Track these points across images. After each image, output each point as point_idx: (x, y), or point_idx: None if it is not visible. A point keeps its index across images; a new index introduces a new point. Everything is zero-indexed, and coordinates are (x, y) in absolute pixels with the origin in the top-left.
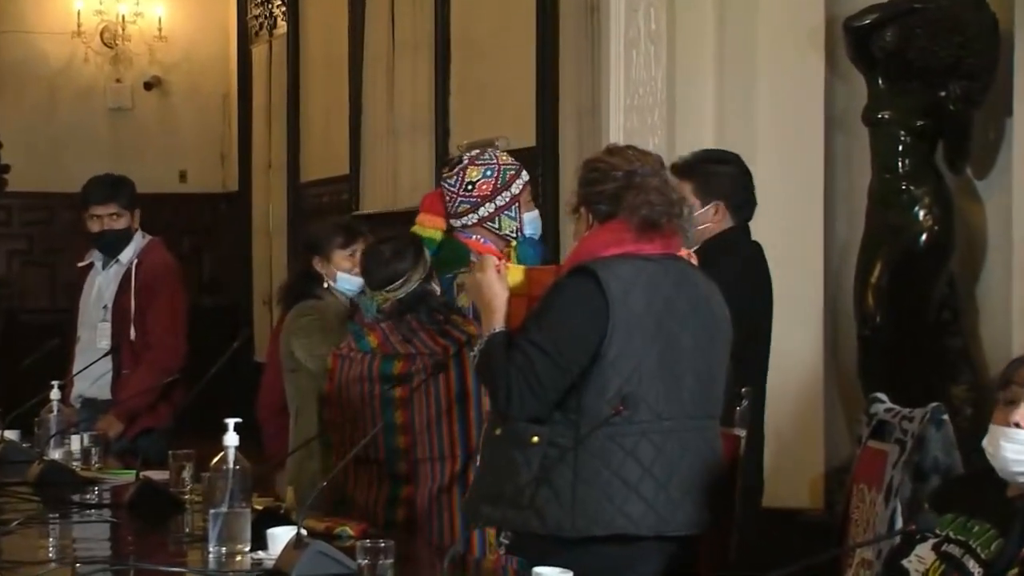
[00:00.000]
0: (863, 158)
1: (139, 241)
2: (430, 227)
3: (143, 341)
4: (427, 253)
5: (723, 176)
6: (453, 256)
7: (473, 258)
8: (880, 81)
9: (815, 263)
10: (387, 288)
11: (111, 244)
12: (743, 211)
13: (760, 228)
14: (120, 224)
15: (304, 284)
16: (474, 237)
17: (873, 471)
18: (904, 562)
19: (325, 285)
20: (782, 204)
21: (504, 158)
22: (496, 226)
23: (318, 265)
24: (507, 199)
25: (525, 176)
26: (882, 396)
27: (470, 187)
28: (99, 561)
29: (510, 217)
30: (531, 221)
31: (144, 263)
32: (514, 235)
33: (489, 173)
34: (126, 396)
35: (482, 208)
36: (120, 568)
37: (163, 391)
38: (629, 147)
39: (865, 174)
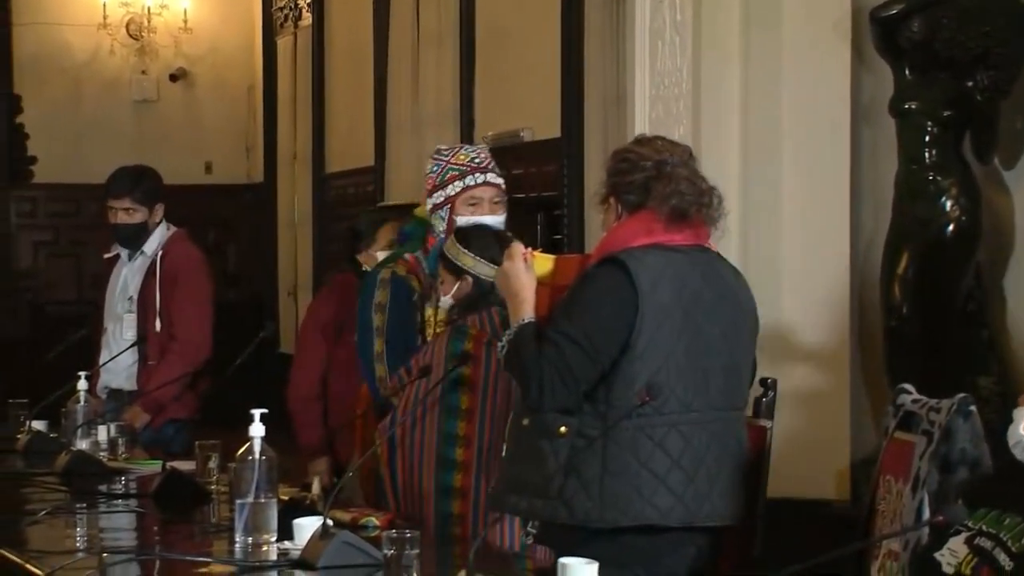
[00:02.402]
0: (890, 149)
1: (163, 233)
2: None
3: (168, 332)
4: None
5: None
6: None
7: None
8: (907, 71)
9: (841, 254)
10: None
11: (127, 238)
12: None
13: (786, 219)
14: (135, 219)
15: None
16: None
17: (900, 462)
18: (936, 555)
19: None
20: (808, 195)
21: (461, 156)
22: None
23: (360, 257)
24: (440, 199)
25: (473, 180)
26: (909, 387)
27: (426, 177)
28: (126, 551)
29: (440, 217)
30: (496, 225)
31: (169, 255)
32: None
33: (435, 168)
34: (152, 387)
35: (428, 200)
36: (147, 558)
37: (189, 382)
38: (658, 137)
39: (892, 165)
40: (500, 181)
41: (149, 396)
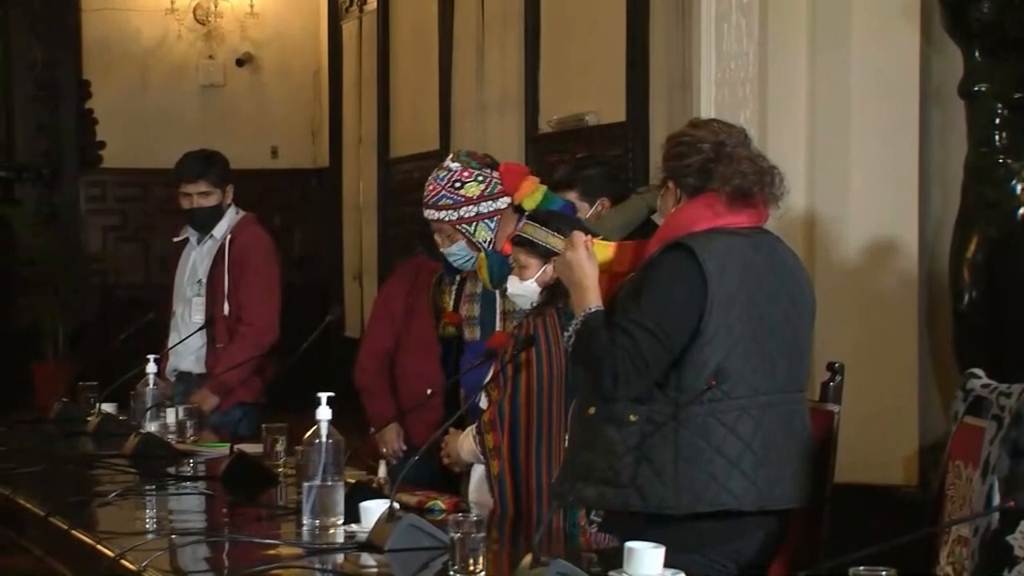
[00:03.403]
0: (959, 132)
1: (232, 216)
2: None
3: (237, 315)
4: None
5: (596, 177)
6: None
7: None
8: (977, 53)
9: (910, 238)
10: None
11: (202, 221)
12: (619, 201)
13: (854, 203)
14: (210, 201)
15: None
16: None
17: (969, 448)
18: (1008, 538)
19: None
20: (876, 179)
21: (496, 176)
22: (471, 230)
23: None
24: (491, 209)
25: (509, 201)
26: (978, 372)
27: (457, 185)
28: (195, 532)
29: (488, 227)
30: None
31: (237, 238)
32: (486, 245)
33: (481, 179)
34: (220, 370)
35: (464, 209)
36: (216, 540)
37: (256, 365)
38: (714, 120)
39: (961, 148)
40: None
41: (217, 379)
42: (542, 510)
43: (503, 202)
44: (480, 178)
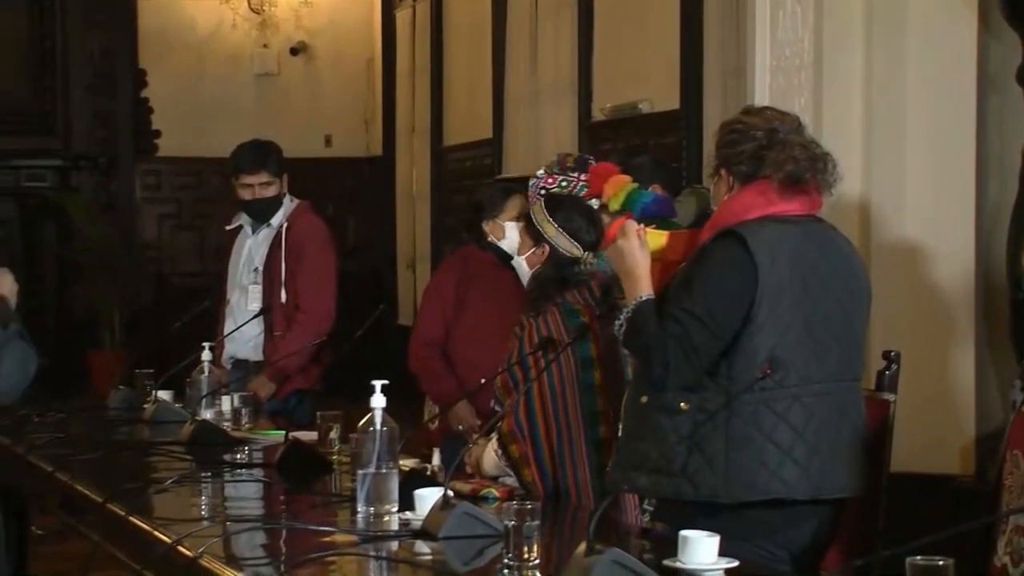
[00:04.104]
0: (1017, 119)
1: (288, 205)
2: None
3: (293, 303)
4: None
5: (647, 164)
6: None
7: None
8: None
9: (967, 225)
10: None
11: (262, 211)
12: (670, 189)
13: (911, 190)
14: (271, 191)
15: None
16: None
17: None
18: None
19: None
20: (933, 165)
21: (584, 179)
22: None
23: (486, 227)
24: None
25: (598, 202)
26: None
27: (543, 193)
28: (251, 519)
29: None
30: None
31: (294, 227)
32: None
33: (565, 184)
34: (277, 357)
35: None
36: (271, 527)
37: (313, 353)
38: (767, 107)
39: (1019, 135)
40: None
41: (275, 366)
42: (582, 506)
43: (592, 203)
44: (564, 183)
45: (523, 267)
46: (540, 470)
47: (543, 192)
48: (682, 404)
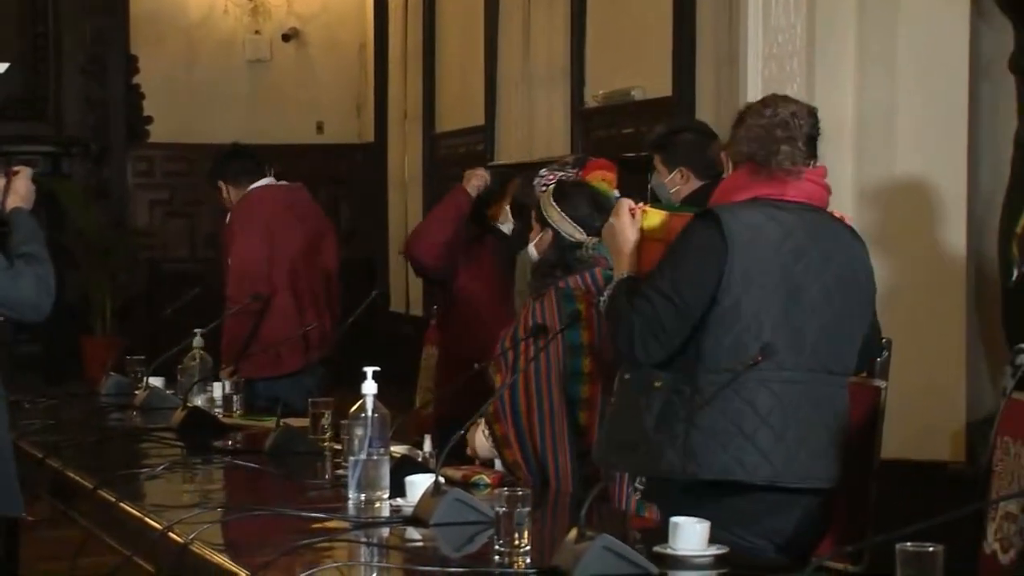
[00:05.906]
0: (1009, 107)
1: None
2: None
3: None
4: None
5: (681, 145)
6: None
7: None
8: None
9: (958, 212)
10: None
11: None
12: (706, 172)
13: (902, 179)
14: (224, 198)
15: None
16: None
17: (1018, 423)
18: None
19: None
20: (925, 152)
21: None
22: None
23: (491, 211)
24: None
25: None
26: None
27: (542, 189)
28: (241, 506)
29: None
30: None
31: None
32: None
33: None
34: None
35: None
36: (262, 513)
37: (303, 340)
38: (784, 96)
39: (1011, 123)
40: None
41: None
42: (561, 490)
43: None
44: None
45: (533, 253)
46: (523, 452)
47: (544, 189)
48: (656, 382)
